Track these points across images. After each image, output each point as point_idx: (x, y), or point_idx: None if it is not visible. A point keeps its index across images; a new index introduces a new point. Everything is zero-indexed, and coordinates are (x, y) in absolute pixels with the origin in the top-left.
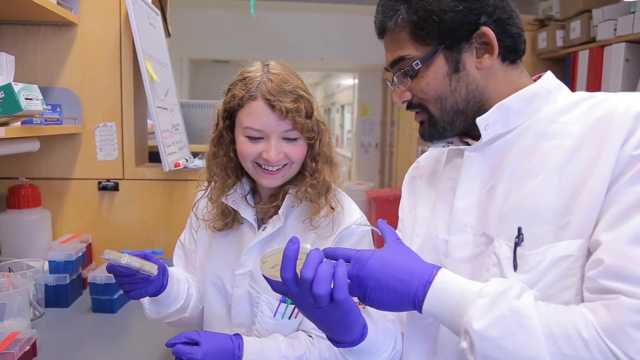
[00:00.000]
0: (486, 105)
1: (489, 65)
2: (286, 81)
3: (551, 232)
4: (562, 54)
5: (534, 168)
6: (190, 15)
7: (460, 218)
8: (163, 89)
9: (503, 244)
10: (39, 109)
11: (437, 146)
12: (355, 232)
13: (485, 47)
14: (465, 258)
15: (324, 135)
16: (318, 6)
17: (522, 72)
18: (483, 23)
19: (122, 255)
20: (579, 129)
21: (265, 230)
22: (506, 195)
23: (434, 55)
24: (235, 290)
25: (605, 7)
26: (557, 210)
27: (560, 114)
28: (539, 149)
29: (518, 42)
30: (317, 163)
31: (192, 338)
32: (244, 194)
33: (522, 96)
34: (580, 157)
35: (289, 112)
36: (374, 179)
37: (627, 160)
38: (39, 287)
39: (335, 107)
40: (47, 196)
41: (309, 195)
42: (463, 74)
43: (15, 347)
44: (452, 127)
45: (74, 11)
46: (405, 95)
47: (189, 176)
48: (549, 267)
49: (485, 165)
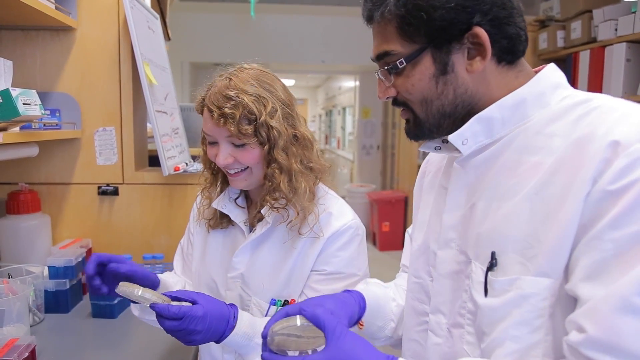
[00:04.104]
0: (477, 109)
1: (480, 68)
2: (232, 87)
3: (518, 262)
4: (563, 54)
5: (513, 188)
6: (190, 18)
7: (446, 233)
8: (162, 92)
9: (478, 268)
10: (37, 114)
11: (427, 148)
12: (344, 235)
13: (478, 49)
14: (448, 274)
15: (278, 141)
16: (318, 9)
17: (520, 71)
18: (476, 23)
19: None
20: (562, 145)
21: (254, 232)
22: (484, 214)
23: (421, 55)
24: (227, 293)
25: (606, 7)
26: (525, 241)
27: (548, 123)
28: (522, 164)
29: (516, 42)
30: (273, 169)
31: (191, 297)
32: (233, 197)
33: (506, 104)
34: (554, 183)
35: (221, 118)
36: (376, 181)
37: (602, 197)
38: (38, 292)
39: (336, 110)
40: (47, 201)
41: (271, 203)
42: (451, 77)
43: (14, 353)
44: (439, 129)
45: (72, 16)
46: (389, 92)
47: (189, 180)
48: (516, 304)
49: (470, 179)
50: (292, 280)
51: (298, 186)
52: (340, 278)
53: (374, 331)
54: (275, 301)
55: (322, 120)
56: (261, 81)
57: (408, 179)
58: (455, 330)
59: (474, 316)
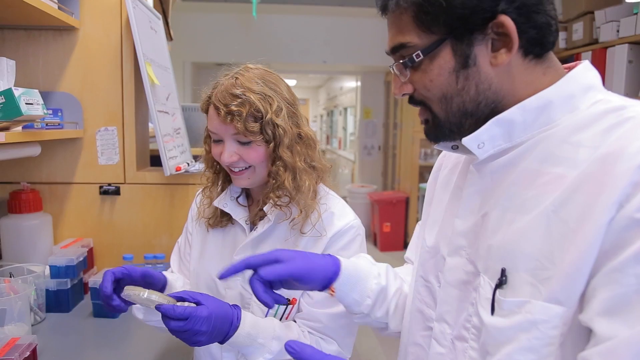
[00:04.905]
0: (500, 107)
1: (506, 61)
2: (239, 85)
3: (530, 283)
4: (564, 55)
5: (530, 201)
6: (192, 18)
7: (457, 239)
8: (164, 92)
9: (486, 282)
10: (40, 114)
11: (443, 147)
12: (347, 234)
13: (503, 40)
14: (456, 283)
15: (284, 140)
16: (320, 9)
17: (549, 67)
18: (502, 11)
19: (140, 290)
20: (588, 158)
21: (255, 230)
22: (498, 225)
23: (440, 47)
24: (227, 292)
25: (607, 8)
26: (539, 261)
27: (575, 131)
28: (542, 175)
29: (546, 33)
30: (277, 167)
31: (195, 298)
32: (234, 196)
33: (529, 106)
34: (576, 201)
35: (228, 116)
36: (377, 182)
37: (628, 225)
38: (39, 292)
39: (338, 110)
40: (49, 201)
41: (275, 200)
42: (473, 71)
43: (15, 352)
44: (460, 129)
45: (74, 16)
46: (405, 88)
47: (191, 180)
48: (523, 328)
49: (486, 185)
50: None
51: (302, 184)
52: None
53: (350, 303)
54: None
55: (324, 121)
56: (266, 80)
57: (409, 179)
58: (459, 343)
59: (478, 332)
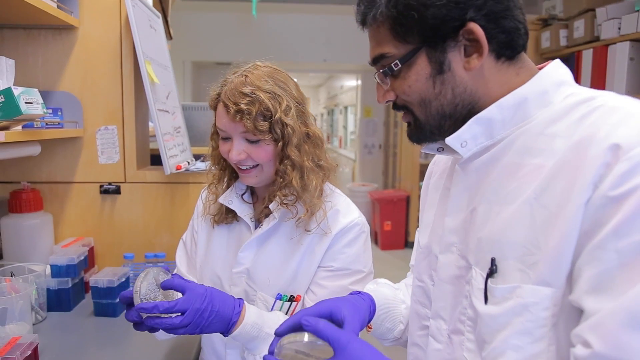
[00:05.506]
0: (477, 108)
1: (479, 65)
2: (249, 83)
3: (518, 269)
4: (565, 53)
5: (513, 192)
6: (192, 17)
7: (447, 237)
8: (164, 91)
9: (478, 274)
10: (39, 113)
11: (429, 150)
12: (351, 231)
13: (474, 46)
14: (449, 279)
15: (292, 139)
16: (320, 8)
17: (521, 67)
18: (470, 19)
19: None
20: (563, 146)
21: (260, 228)
22: (485, 219)
23: (415, 55)
24: (232, 289)
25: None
26: (525, 247)
27: (550, 123)
28: (523, 167)
29: (515, 37)
30: (285, 166)
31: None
32: (240, 193)
33: (506, 104)
34: (555, 187)
35: (237, 114)
36: (378, 180)
37: (603, 203)
38: (40, 291)
39: (338, 109)
40: (49, 200)
41: (281, 198)
42: (448, 76)
43: (16, 352)
44: (440, 130)
45: (74, 15)
46: (388, 95)
47: (191, 179)
48: (516, 313)
49: (472, 182)
50: (299, 276)
51: (309, 183)
52: (347, 274)
53: (383, 332)
54: (281, 296)
55: (324, 119)
56: (276, 79)
57: (410, 178)
58: (455, 336)
59: (474, 323)
